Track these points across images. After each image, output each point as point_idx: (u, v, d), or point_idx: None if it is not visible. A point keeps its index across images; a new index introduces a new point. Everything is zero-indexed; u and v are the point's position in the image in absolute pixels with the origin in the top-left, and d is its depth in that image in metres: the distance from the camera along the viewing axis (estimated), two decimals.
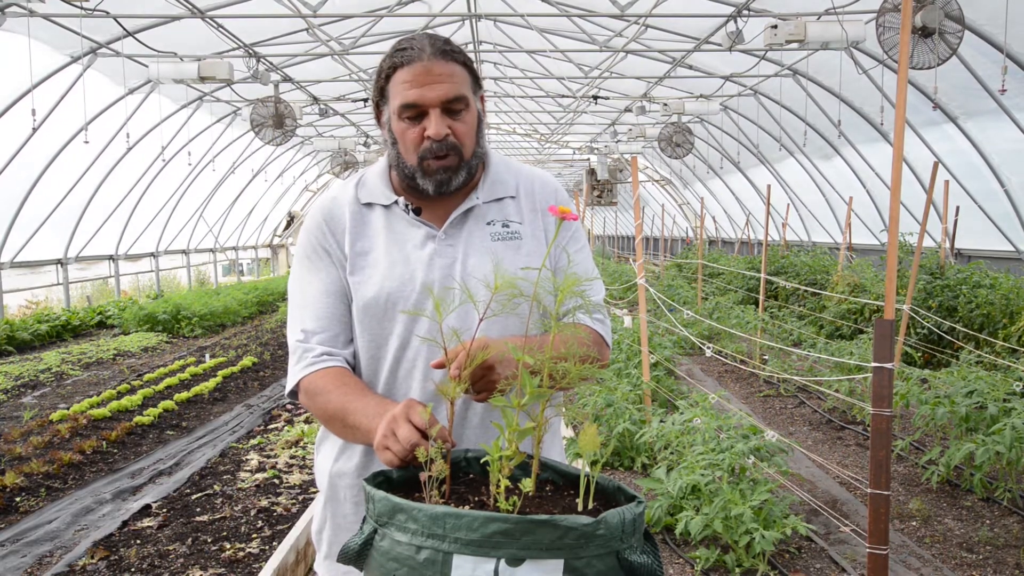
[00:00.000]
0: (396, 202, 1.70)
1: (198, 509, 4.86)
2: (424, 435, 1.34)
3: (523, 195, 1.77)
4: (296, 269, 1.74)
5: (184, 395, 7.70)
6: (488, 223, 1.71)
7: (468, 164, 1.66)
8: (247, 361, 9.74)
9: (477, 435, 1.64)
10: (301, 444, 6.21)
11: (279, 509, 4.81)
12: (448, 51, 1.62)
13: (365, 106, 14.65)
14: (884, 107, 10.32)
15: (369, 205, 1.71)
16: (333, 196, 1.75)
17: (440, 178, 1.64)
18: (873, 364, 2.65)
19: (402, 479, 1.41)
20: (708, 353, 5.85)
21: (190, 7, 9.10)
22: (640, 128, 15.55)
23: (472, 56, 14.26)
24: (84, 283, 15.38)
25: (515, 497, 1.24)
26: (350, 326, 1.69)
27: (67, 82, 10.00)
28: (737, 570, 3.84)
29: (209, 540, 4.36)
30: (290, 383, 1.67)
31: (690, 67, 12.73)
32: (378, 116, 1.71)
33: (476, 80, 1.67)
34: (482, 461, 1.36)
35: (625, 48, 11.29)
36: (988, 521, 4.50)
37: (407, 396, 1.64)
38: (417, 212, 1.69)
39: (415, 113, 1.60)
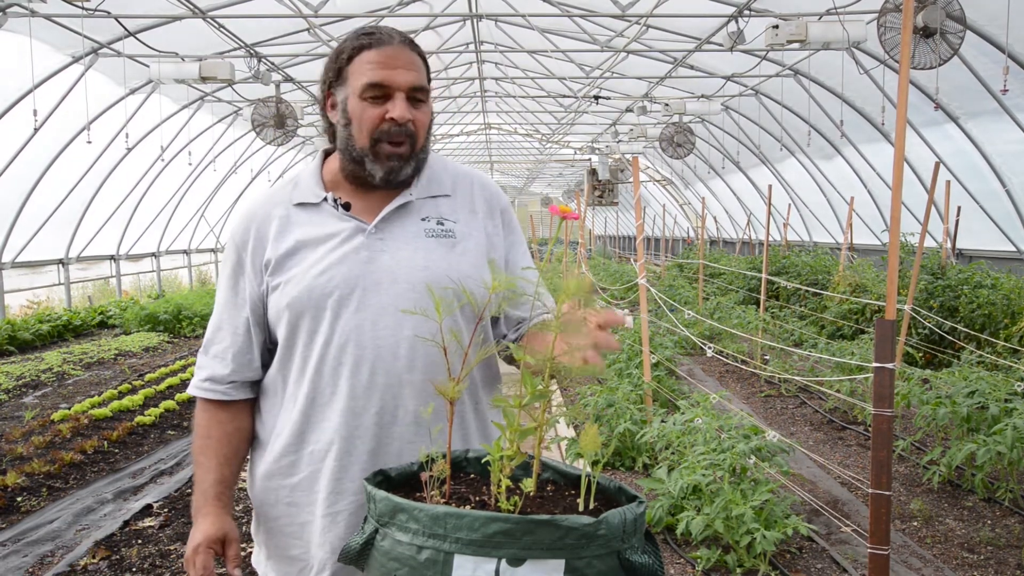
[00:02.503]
0: (325, 199, 1.68)
1: None
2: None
3: (459, 194, 1.75)
4: (221, 278, 1.75)
5: (185, 395, 7.69)
6: (422, 219, 1.69)
7: (416, 158, 1.65)
8: None
9: (409, 432, 1.62)
10: None
11: None
12: (413, 43, 1.65)
13: None
14: (885, 107, 10.31)
15: (300, 205, 1.69)
16: (264, 200, 1.74)
17: (392, 165, 1.62)
18: (874, 364, 2.65)
19: (402, 478, 1.41)
20: (709, 353, 5.85)
21: (191, 7, 9.11)
22: (641, 128, 15.55)
23: (473, 56, 14.26)
24: (85, 283, 15.38)
25: (516, 497, 1.24)
26: (254, 351, 1.71)
27: (68, 82, 10.00)
28: (738, 570, 3.84)
29: None
30: (191, 388, 1.75)
31: (691, 67, 12.73)
32: (326, 99, 1.69)
33: (429, 81, 1.69)
34: (483, 461, 1.36)
35: (626, 48, 11.29)
36: (989, 521, 4.50)
37: (335, 394, 1.61)
38: (347, 207, 1.67)
39: (380, 93, 1.59)
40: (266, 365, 1.73)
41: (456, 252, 1.67)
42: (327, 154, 1.76)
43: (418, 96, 1.62)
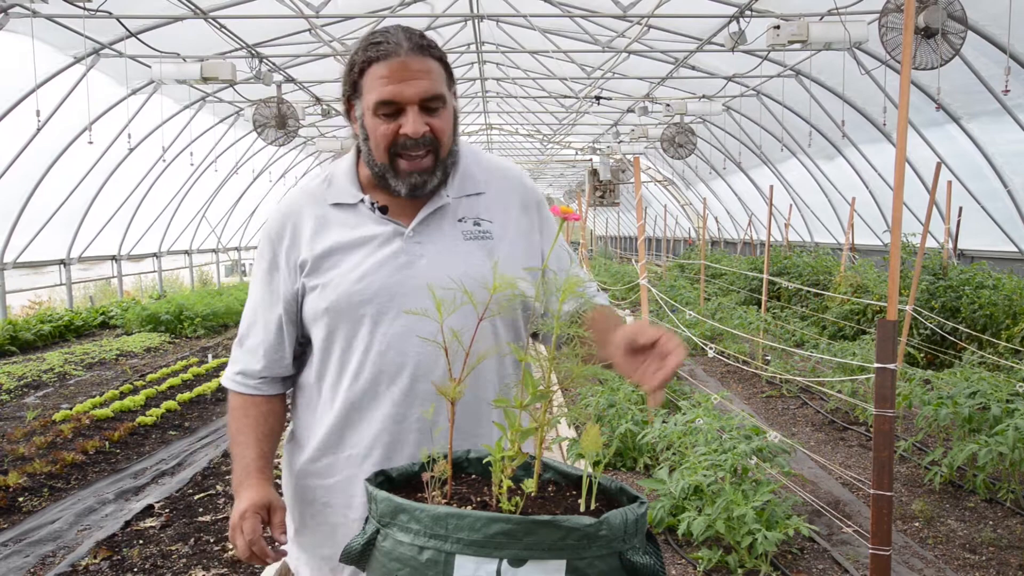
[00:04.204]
0: (362, 200, 1.66)
1: (200, 509, 4.86)
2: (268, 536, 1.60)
3: (493, 191, 1.71)
4: (256, 272, 1.73)
5: (187, 395, 7.70)
6: (459, 220, 1.66)
7: (443, 163, 1.61)
8: None
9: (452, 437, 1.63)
10: None
11: None
12: (425, 46, 1.57)
13: None
14: (887, 107, 10.30)
15: (337, 205, 1.67)
16: (299, 196, 1.72)
17: (414, 181, 1.59)
18: (876, 365, 2.65)
19: (403, 479, 1.41)
20: (710, 354, 5.85)
21: (193, 8, 9.12)
22: (642, 128, 15.55)
23: (474, 57, 14.23)
24: (87, 283, 15.40)
25: (517, 498, 1.24)
26: (285, 348, 1.70)
27: (70, 82, 10.02)
28: (739, 571, 3.83)
29: (212, 540, 4.37)
30: (223, 379, 1.78)
31: (692, 68, 12.73)
32: (348, 110, 1.66)
33: (451, 76, 1.63)
34: (484, 461, 1.36)
35: (627, 48, 11.29)
36: (991, 522, 4.49)
37: (376, 400, 1.61)
38: (384, 210, 1.65)
39: (392, 110, 1.55)
40: (297, 358, 1.73)
41: (493, 255, 1.63)
42: (359, 151, 1.72)
43: (432, 104, 1.56)
